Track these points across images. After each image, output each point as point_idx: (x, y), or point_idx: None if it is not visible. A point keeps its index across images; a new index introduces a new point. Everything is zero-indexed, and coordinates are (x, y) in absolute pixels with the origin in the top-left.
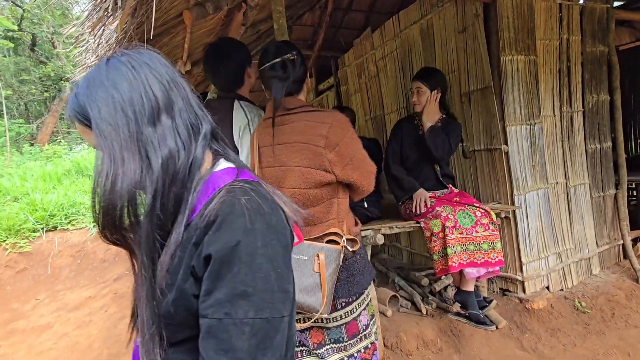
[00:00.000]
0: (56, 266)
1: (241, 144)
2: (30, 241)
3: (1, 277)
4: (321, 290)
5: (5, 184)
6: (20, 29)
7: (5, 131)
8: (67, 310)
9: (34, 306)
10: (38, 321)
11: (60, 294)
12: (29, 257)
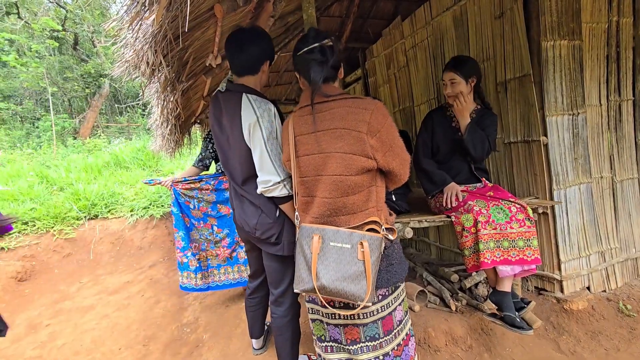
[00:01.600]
0: (97, 252)
1: (253, 142)
2: (74, 228)
3: (49, 260)
4: (366, 278)
5: (53, 174)
6: (64, 29)
7: (51, 125)
8: (107, 294)
9: (78, 288)
10: (82, 302)
11: (102, 278)
12: (73, 243)
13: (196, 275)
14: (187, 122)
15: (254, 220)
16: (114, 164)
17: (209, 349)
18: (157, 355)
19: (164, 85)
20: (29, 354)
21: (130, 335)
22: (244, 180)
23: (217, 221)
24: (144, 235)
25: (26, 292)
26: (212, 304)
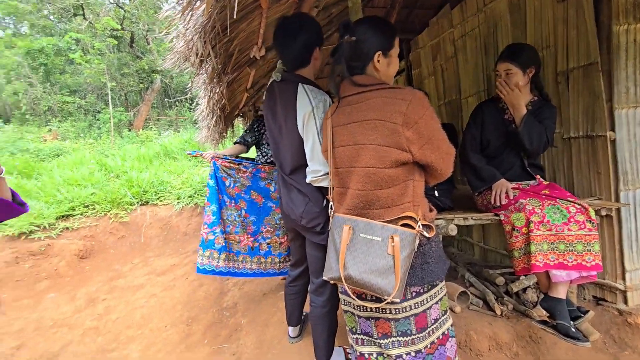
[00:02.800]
0: (148, 236)
1: (306, 132)
2: (128, 213)
3: (106, 241)
4: (394, 273)
5: (110, 163)
6: (122, 28)
7: (110, 118)
8: (156, 274)
9: (130, 268)
10: (133, 281)
11: (151, 260)
12: (127, 226)
13: (220, 254)
14: (231, 114)
15: (301, 209)
16: (163, 154)
17: (246, 333)
18: (199, 336)
19: (211, 77)
20: (88, 325)
21: (175, 315)
22: (293, 170)
23: (247, 206)
24: (189, 222)
25: (86, 268)
26: (250, 291)
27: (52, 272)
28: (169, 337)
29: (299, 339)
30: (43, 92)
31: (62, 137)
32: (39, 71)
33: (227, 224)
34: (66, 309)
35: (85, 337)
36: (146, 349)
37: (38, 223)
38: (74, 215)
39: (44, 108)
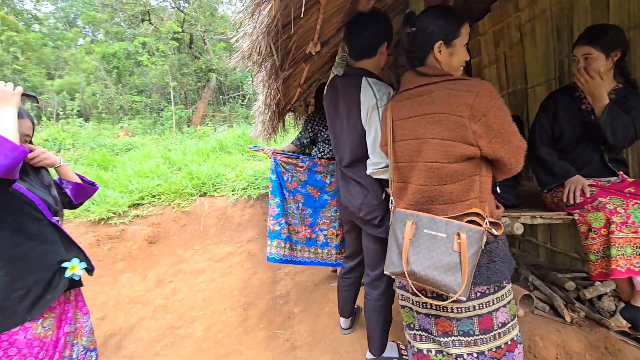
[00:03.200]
0: (206, 225)
1: (369, 124)
2: (189, 203)
3: (170, 229)
4: (461, 271)
5: (173, 156)
6: (183, 30)
7: (172, 115)
8: (214, 261)
9: (192, 254)
10: (195, 266)
11: (210, 247)
12: (188, 215)
13: (286, 243)
14: (284, 109)
15: (359, 201)
16: (219, 149)
17: (299, 321)
18: (255, 320)
19: (269, 74)
20: (157, 303)
21: (233, 299)
22: (352, 162)
23: (304, 199)
24: (243, 213)
25: (154, 252)
26: (302, 281)
27: (126, 254)
28: (228, 320)
29: (350, 330)
30: (116, 92)
31: (132, 133)
32: (112, 74)
33: (288, 215)
34: (139, 288)
35: (156, 313)
36: (208, 329)
37: (114, 210)
38: (143, 204)
39: (117, 107)
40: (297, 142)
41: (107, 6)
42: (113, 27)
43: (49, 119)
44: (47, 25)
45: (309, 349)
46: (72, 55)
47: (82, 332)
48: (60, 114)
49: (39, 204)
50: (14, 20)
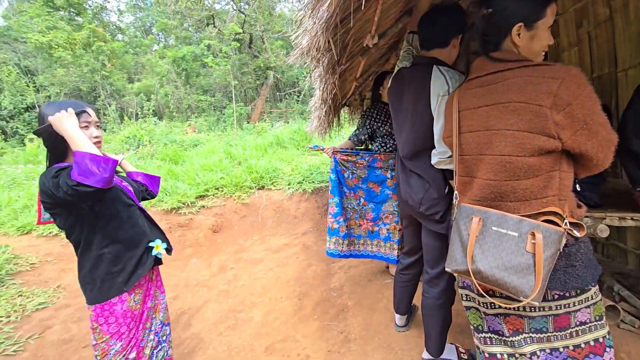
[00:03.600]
0: (264, 216)
1: (438, 113)
2: (248, 195)
3: (232, 219)
4: (534, 273)
5: (234, 152)
6: (243, 31)
7: (233, 112)
8: (271, 251)
9: (251, 244)
10: (254, 255)
11: (267, 238)
12: (247, 207)
13: (344, 241)
14: (340, 104)
15: (420, 195)
16: (276, 144)
17: (353, 315)
18: (310, 310)
19: (326, 69)
20: (221, 287)
21: (289, 289)
22: (415, 154)
23: (365, 194)
24: (298, 206)
25: (218, 241)
26: (355, 275)
27: (194, 242)
28: (284, 308)
29: (406, 328)
30: (184, 92)
31: (198, 129)
32: (181, 75)
33: (348, 211)
34: (205, 273)
35: (219, 297)
36: (266, 315)
37: (183, 201)
38: (208, 195)
39: (185, 106)
40: (354, 139)
41: (177, 13)
42: (182, 33)
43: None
44: (128, 34)
45: (363, 342)
46: (148, 60)
47: (160, 308)
48: (139, 113)
49: (128, 191)
50: (102, 32)
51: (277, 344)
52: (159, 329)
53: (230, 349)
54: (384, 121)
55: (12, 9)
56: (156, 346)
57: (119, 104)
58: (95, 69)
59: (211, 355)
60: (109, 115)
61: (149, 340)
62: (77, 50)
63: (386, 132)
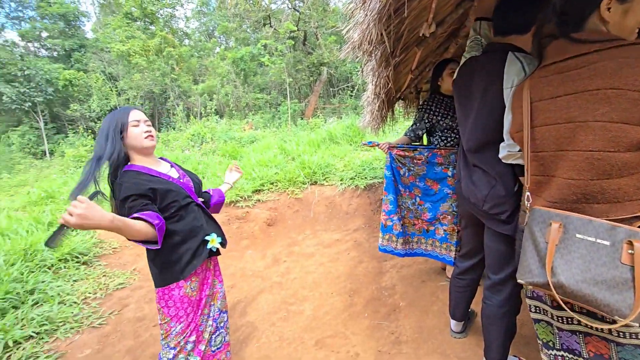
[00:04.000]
0: (316, 211)
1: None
2: (301, 190)
3: (285, 213)
4: (634, 289)
5: (288, 147)
6: (298, 29)
7: (287, 109)
8: (323, 246)
9: (303, 238)
10: (306, 249)
11: (319, 233)
12: (300, 202)
13: (397, 238)
14: (394, 97)
15: (485, 192)
16: (328, 140)
17: (405, 316)
18: (360, 308)
19: (379, 62)
20: (274, 279)
21: (340, 285)
22: (480, 146)
23: (422, 194)
24: (350, 202)
25: (272, 234)
26: (408, 275)
27: (250, 234)
28: (334, 304)
29: (462, 335)
30: (243, 91)
31: (255, 126)
32: (240, 75)
33: (402, 209)
34: (259, 264)
35: (273, 288)
36: (317, 310)
37: (241, 194)
38: (263, 190)
39: (243, 104)
40: (411, 134)
41: (237, 16)
42: (241, 34)
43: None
44: (194, 39)
45: (415, 345)
46: (210, 62)
47: (218, 296)
48: (202, 112)
49: (187, 188)
50: (171, 38)
51: (327, 339)
52: (217, 315)
53: (282, 339)
54: (444, 114)
55: (99, 23)
56: (214, 331)
57: (185, 104)
58: (166, 73)
59: (264, 344)
60: (177, 115)
61: (207, 326)
62: (150, 56)
63: (447, 125)
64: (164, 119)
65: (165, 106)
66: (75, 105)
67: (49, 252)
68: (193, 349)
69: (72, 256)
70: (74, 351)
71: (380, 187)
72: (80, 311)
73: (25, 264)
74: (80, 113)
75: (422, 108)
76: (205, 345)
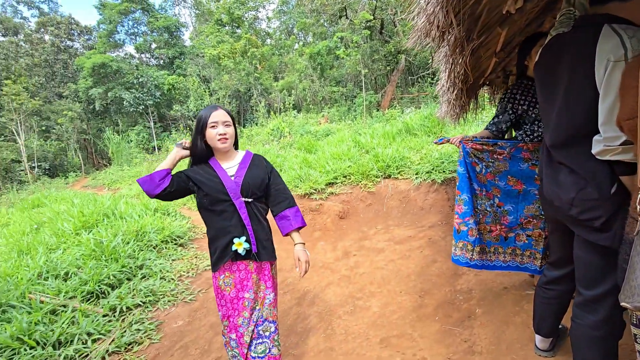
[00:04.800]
0: (389, 206)
1: (607, 84)
2: (374, 184)
3: (358, 207)
4: None
5: (362, 140)
6: (374, 17)
7: (362, 101)
8: (394, 242)
9: (374, 232)
10: (376, 244)
11: (391, 228)
12: (373, 195)
13: (474, 247)
14: (475, 84)
15: (571, 194)
16: (405, 131)
17: (481, 324)
18: (431, 310)
19: (453, 48)
20: (343, 272)
21: (409, 284)
22: (567, 141)
23: (501, 194)
24: (426, 197)
25: (343, 227)
26: (487, 280)
27: (322, 226)
28: (402, 303)
29: (549, 353)
30: (319, 85)
31: (330, 120)
32: (317, 70)
33: (478, 213)
34: (330, 256)
35: (341, 281)
36: (384, 307)
37: (315, 187)
38: (337, 183)
39: (320, 98)
40: (492, 128)
41: (314, 11)
42: (318, 29)
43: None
44: (275, 38)
45: (491, 358)
46: (289, 59)
47: (264, 302)
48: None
49: (228, 187)
50: (255, 39)
51: (393, 339)
52: (260, 322)
53: (347, 333)
54: (532, 103)
55: (195, 32)
56: (256, 337)
57: (267, 101)
58: (250, 72)
59: (329, 335)
60: (259, 111)
61: (247, 329)
62: (237, 57)
63: (537, 117)
64: (248, 115)
65: (249, 103)
66: (176, 106)
67: (155, 234)
68: (237, 347)
69: (171, 238)
70: (169, 321)
71: None
72: (176, 287)
73: (136, 243)
74: (180, 113)
75: (505, 97)
76: (246, 349)
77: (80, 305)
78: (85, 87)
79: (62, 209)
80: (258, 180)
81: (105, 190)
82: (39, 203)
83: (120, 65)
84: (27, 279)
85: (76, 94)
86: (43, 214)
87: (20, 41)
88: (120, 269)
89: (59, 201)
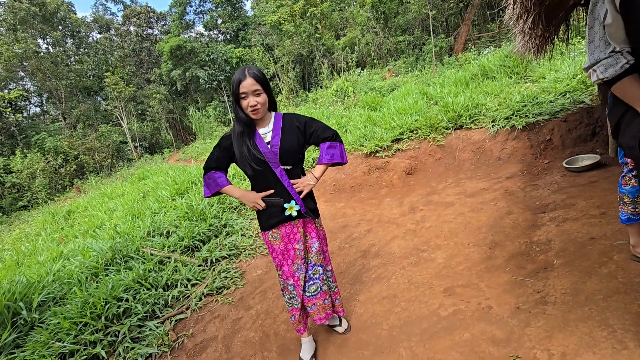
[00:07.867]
0: (460, 159)
1: None
2: (444, 137)
3: (426, 162)
4: None
5: (431, 91)
6: None
7: (431, 48)
8: (465, 195)
9: (443, 187)
10: (445, 199)
11: (462, 182)
12: (442, 149)
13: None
14: (559, 6)
15: None
16: (481, 75)
17: (557, 276)
18: (501, 261)
19: None
20: (408, 226)
21: (479, 236)
22: None
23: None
24: (504, 146)
25: (410, 182)
26: (572, 229)
27: (388, 182)
28: (470, 254)
29: None
30: (384, 37)
31: (396, 73)
32: (380, 20)
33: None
34: (395, 212)
35: (406, 235)
36: (449, 258)
37: (380, 145)
38: (403, 139)
39: (384, 51)
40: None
41: None
42: None
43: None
44: None
45: (565, 309)
46: (350, 13)
47: (310, 250)
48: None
49: (268, 157)
50: None
51: (457, 288)
52: (310, 267)
53: (410, 282)
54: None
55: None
56: (308, 280)
57: (330, 62)
58: (310, 34)
59: (393, 284)
60: (322, 73)
61: (301, 273)
62: (297, 20)
63: None
64: (312, 79)
65: (312, 66)
66: None
67: None
68: (295, 290)
69: None
70: (250, 271)
71: (545, 124)
72: (254, 242)
73: (220, 206)
74: None
75: None
76: (302, 291)
77: (180, 257)
78: (167, 70)
79: (160, 180)
80: (294, 145)
81: (193, 162)
82: (144, 176)
83: (193, 45)
84: (140, 236)
85: (160, 78)
86: (147, 185)
87: (112, 36)
88: (208, 228)
89: (158, 174)
